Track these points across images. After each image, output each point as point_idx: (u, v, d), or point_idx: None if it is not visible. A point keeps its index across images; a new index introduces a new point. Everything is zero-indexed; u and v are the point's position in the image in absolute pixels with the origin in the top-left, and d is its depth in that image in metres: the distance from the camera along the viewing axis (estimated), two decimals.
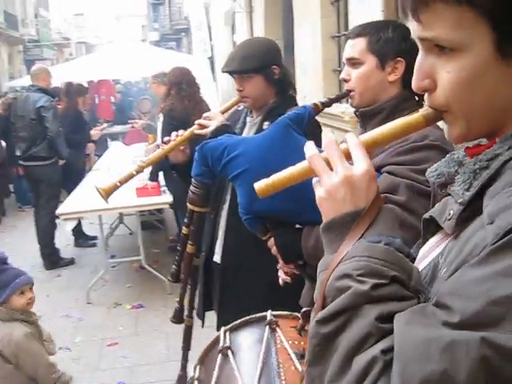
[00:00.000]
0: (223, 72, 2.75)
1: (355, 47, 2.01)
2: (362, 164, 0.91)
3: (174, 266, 2.58)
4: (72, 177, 6.99)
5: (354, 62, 2.02)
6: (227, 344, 1.62)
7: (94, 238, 7.57)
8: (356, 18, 5.10)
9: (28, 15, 36.25)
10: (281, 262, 2.15)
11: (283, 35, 9.90)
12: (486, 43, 0.80)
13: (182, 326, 2.65)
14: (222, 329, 1.70)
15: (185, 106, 5.29)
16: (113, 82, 16.25)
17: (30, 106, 6.82)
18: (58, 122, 6.88)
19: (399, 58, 1.97)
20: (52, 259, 6.95)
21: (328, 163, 0.94)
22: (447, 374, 0.67)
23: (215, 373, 1.55)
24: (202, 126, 2.68)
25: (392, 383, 0.71)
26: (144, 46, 17.61)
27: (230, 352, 1.58)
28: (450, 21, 0.81)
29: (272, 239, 2.11)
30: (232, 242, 2.65)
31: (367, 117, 2.02)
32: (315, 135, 2.35)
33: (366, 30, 2.03)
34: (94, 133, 7.94)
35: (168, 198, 5.72)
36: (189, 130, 2.71)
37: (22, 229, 8.67)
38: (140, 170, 2.75)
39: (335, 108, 4.79)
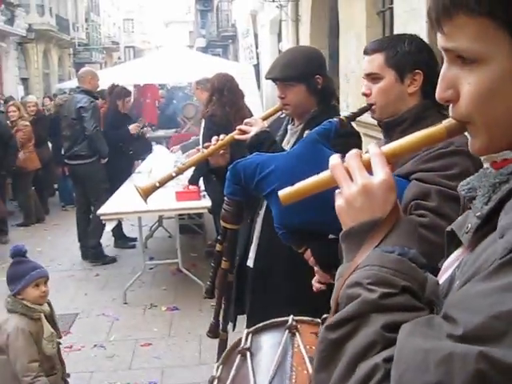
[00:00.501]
0: (266, 79, 2.79)
1: (373, 62, 2.08)
2: (380, 174, 0.92)
3: (208, 282, 2.62)
4: (119, 176, 7.07)
5: (373, 77, 2.08)
6: (247, 346, 1.64)
7: (134, 239, 7.67)
8: (401, 29, 5.08)
9: (79, 19, 37.08)
10: (318, 273, 2.19)
11: (328, 44, 9.92)
12: (506, 56, 0.80)
13: None
14: (245, 331, 1.72)
15: (226, 111, 5.33)
16: (158, 87, 16.48)
17: (73, 106, 7.05)
18: (95, 121, 7.00)
19: (417, 70, 2.02)
20: (97, 254, 7.11)
21: (349, 174, 0.95)
22: None
23: (232, 372, 1.58)
24: (243, 132, 2.70)
25: None
26: (191, 52, 17.84)
27: (248, 353, 1.61)
28: (472, 32, 0.81)
29: (308, 251, 2.15)
30: (265, 245, 2.68)
31: (391, 127, 2.07)
32: (354, 146, 2.38)
33: (382, 45, 2.09)
34: (133, 127, 7.80)
35: (207, 202, 5.75)
36: (229, 135, 2.74)
37: (64, 228, 8.82)
38: (179, 172, 2.79)
39: None
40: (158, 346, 4.79)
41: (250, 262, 2.75)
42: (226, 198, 2.36)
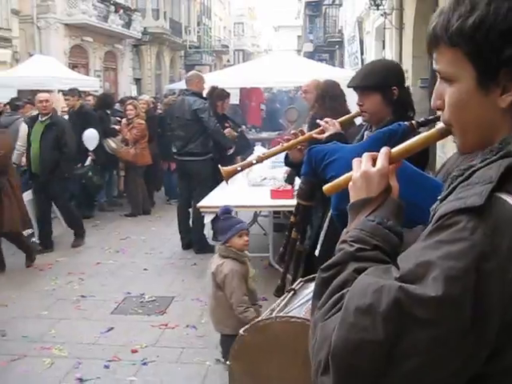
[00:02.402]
0: (347, 87, 3.08)
1: None
2: (378, 165, 1.26)
3: (281, 249, 2.99)
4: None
5: None
6: (295, 287, 2.05)
7: None
8: None
9: (191, 23, 38.26)
10: None
11: None
12: (470, 79, 1.08)
13: None
14: (300, 279, 2.10)
15: (327, 116, 5.56)
16: (263, 90, 16.92)
17: (186, 107, 7.45)
18: (214, 119, 7.48)
19: None
20: (202, 245, 7.54)
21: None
22: (372, 305, 0.97)
23: (276, 303, 1.94)
24: (322, 131, 3.03)
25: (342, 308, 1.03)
26: (296, 57, 18.20)
27: (292, 292, 1.98)
28: (448, 59, 1.11)
29: None
30: (331, 235, 2.96)
31: None
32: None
33: None
34: (228, 131, 8.09)
35: None
36: (308, 133, 3.07)
37: (167, 220, 9.35)
38: (259, 161, 3.16)
39: None
40: None
41: (317, 252, 3.07)
42: (301, 178, 2.70)
